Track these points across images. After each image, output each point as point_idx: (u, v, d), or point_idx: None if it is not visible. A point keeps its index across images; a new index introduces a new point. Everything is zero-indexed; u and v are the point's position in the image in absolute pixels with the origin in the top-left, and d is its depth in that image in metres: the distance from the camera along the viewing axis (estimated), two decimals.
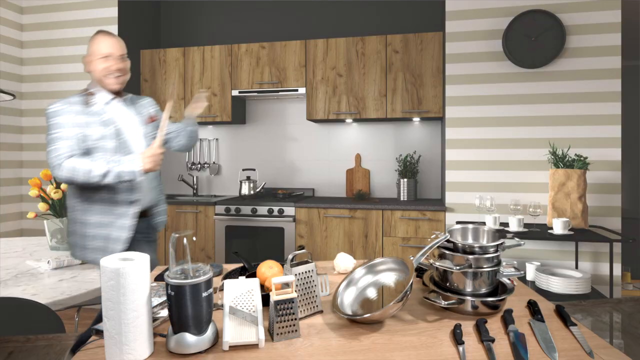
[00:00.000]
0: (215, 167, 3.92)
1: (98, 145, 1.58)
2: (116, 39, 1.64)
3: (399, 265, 1.05)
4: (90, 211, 1.61)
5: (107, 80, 1.62)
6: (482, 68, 2.92)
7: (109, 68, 1.61)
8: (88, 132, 1.57)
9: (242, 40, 3.91)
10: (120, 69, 1.63)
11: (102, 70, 1.61)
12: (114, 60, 1.61)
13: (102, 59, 1.60)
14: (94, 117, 1.59)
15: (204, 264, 0.84)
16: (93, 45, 1.62)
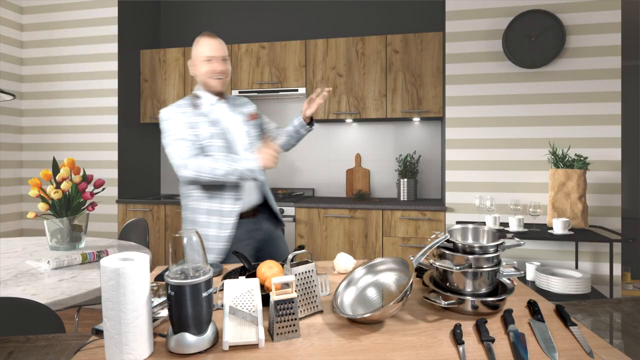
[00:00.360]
0: None
1: (208, 144, 1.65)
2: (217, 41, 1.68)
3: (399, 265, 1.05)
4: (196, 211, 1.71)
5: (210, 82, 1.68)
6: (482, 68, 2.92)
7: (213, 70, 1.66)
8: (198, 132, 1.64)
9: (242, 40, 3.91)
10: (222, 70, 1.68)
11: (205, 72, 1.67)
12: (217, 62, 1.66)
13: (205, 61, 1.66)
14: (202, 118, 1.67)
15: (204, 264, 0.84)
16: (196, 48, 1.68)
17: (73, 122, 3.55)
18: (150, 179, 3.92)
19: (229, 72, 1.72)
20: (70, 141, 3.56)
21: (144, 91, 3.72)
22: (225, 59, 1.69)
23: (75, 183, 1.99)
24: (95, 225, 3.52)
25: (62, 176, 1.95)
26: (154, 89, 3.70)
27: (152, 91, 3.70)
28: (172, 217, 3.35)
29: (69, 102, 3.55)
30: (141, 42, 3.78)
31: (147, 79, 3.71)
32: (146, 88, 3.71)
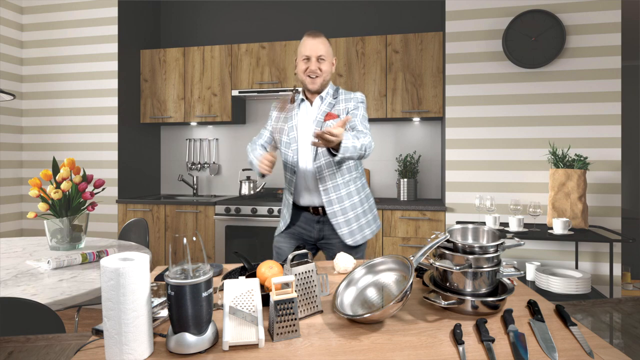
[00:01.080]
0: (215, 167, 3.92)
1: (277, 138, 1.82)
2: (316, 40, 1.70)
3: (399, 265, 1.05)
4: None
5: (304, 80, 1.74)
6: (482, 68, 2.92)
7: (307, 69, 1.72)
8: (276, 125, 1.84)
9: (242, 40, 3.91)
10: (313, 70, 1.70)
11: (300, 71, 1.75)
12: (312, 62, 1.70)
13: (303, 60, 1.72)
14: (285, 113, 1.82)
15: (204, 264, 0.84)
16: (299, 47, 1.75)
17: (73, 122, 3.55)
18: (150, 179, 3.92)
19: (325, 71, 1.72)
20: (70, 141, 3.56)
21: (144, 91, 3.72)
22: (321, 58, 1.70)
23: (75, 183, 1.99)
24: (95, 225, 3.52)
25: (62, 176, 1.95)
26: (154, 89, 3.70)
27: (152, 91, 3.70)
28: (172, 217, 3.35)
29: (69, 102, 3.55)
30: (141, 42, 3.78)
31: (147, 79, 3.71)
32: (146, 88, 3.71)
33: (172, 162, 4.05)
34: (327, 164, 1.72)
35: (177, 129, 4.03)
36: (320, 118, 1.73)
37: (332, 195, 1.73)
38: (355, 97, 1.76)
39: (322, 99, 1.77)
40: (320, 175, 1.72)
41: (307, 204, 1.79)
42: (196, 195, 3.85)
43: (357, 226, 1.77)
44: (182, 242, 3.35)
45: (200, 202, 3.29)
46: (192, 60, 3.60)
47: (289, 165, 1.78)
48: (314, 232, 1.80)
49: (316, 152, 1.72)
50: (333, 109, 1.75)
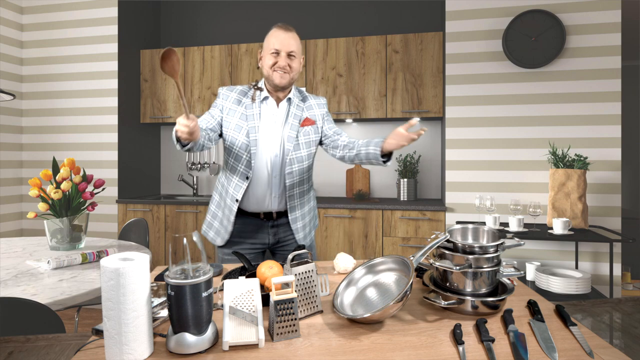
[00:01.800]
0: (215, 167, 3.92)
1: (230, 135, 1.62)
2: (288, 35, 1.56)
3: (399, 265, 1.05)
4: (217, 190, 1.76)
5: (271, 76, 1.58)
6: (482, 68, 2.92)
7: (275, 64, 1.56)
8: (229, 119, 1.62)
9: (242, 40, 3.91)
10: (283, 66, 1.56)
11: (268, 66, 1.58)
12: (282, 57, 1.56)
13: (272, 54, 1.56)
14: (242, 109, 1.63)
15: (204, 264, 0.84)
16: (266, 39, 1.60)
17: (73, 122, 3.55)
18: (150, 179, 3.92)
19: (295, 68, 1.59)
20: (70, 141, 3.56)
21: (144, 91, 3.72)
22: (292, 54, 1.57)
23: (75, 183, 1.99)
24: (95, 225, 3.52)
25: (62, 176, 1.95)
26: (154, 89, 3.70)
27: (152, 91, 3.70)
28: (172, 217, 3.35)
29: (69, 102, 3.55)
30: (141, 42, 3.78)
31: (147, 79, 3.71)
32: (146, 88, 3.71)
33: (172, 162, 4.05)
34: (300, 171, 1.65)
35: None
36: (294, 122, 1.63)
37: (296, 201, 1.69)
38: (324, 103, 1.75)
39: (290, 101, 1.65)
40: (291, 181, 1.64)
41: (257, 210, 1.66)
42: (196, 195, 3.85)
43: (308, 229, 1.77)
44: (182, 242, 3.35)
45: (200, 202, 3.29)
46: (192, 60, 3.60)
47: (240, 168, 1.62)
48: (269, 238, 1.71)
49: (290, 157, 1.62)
50: (306, 113, 1.67)
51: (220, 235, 1.70)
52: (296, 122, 1.64)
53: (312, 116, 1.68)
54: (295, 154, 1.63)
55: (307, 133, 1.66)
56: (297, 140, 1.63)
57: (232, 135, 1.61)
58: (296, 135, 1.63)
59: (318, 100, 1.74)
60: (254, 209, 1.66)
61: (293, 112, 1.64)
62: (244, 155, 1.60)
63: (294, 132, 1.63)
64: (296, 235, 1.71)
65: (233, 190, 1.64)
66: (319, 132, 1.70)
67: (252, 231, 1.70)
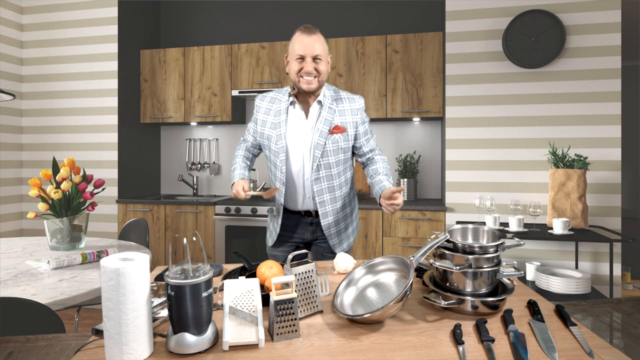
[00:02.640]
0: (215, 167, 3.92)
1: (265, 144, 1.69)
2: (312, 38, 1.53)
3: (399, 265, 1.05)
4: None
5: (298, 83, 1.57)
6: (482, 68, 2.92)
7: (301, 70, 1.55)
8: (262, 130, 1.68)
9: (242, 40, 3.91)
10: (309, 72, 1.53)
11: (294, 72, 1.57)
12: (307, 62, 1.53)
13: (297, 60, 1.55)
14: (272, 117, 1.65)
15: (204, 264, 0.84)
16: (291, 44, 1.59)
17: (73, 122, 3.55)
18: (150, 179, 3.92)
19: (321, 71, 1.55)
20: (70, 141, 3.56)
21: (144, 91, 3.72)
22: (318, 57, 1.54)
23: (75, 183, 1.99)
24: (95, 225, 3.52)
25: (62, 176, 1.95)
26: (154, 89, 3.70)
27: (152, 91, 3.70)
28: (172, 217, 3.35)
29: (69, 102, 3.55)
30: (141, 42, 3.78)
31: (147, 79, 3.71)
32: (146, 88, 3.71)
33: (172, 162, 4.05)
34: (328, 177, 1.64)
35: (177, 129, 4.03)
36: (324, 128, 1.58)
37: (328, 207, 1.69)
38: (360, 108, 1.65)
39: (321, 104, 1.61)
40: (318, 187, 1.64)
41: (299, 208, 1.70)
42: (196, 195, 3.85)
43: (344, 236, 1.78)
44: (182, 242, 3.35)
45: (200, 202, 3.29)
46: (192, 60, 3.60)
47: (278, 175, 1.66)
48: (308, 234, 1.75)
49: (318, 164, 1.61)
50: (337, 119, 1.61)
51: (272, 236, 1.78)
52: (326, 128, 1.59)
53: (343, 123, 1.62)
54: (323, 161, 1.61)
55: (336, 141, 1.61)
56: (325, 147, 1.60)
57: (267, 144, 1.67)
58: (324, 143, 1.59)
59: (353, 103, 1.65)
60: (295, 208, 1.72)
61: (323, 116, 1.60)
62: (277, 162, 1.64)
63: (322, 140, 1.59)
64: (330, 240, 1.72)
65: (278, 195, 1.71)
66: (349, 140, 1.64)
67: (293, 226, 1.75)
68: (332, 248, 1.74)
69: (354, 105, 1.64)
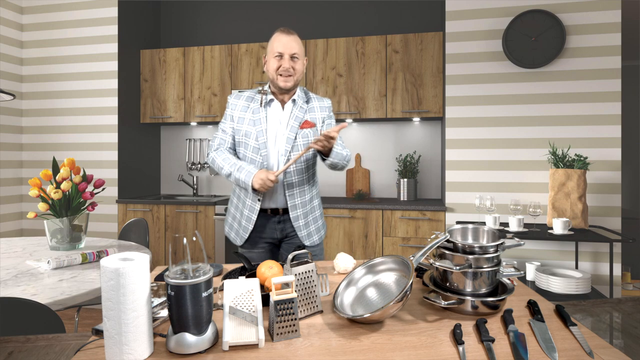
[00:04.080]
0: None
1: (242, 141, 1.71)
2: (290, 37, 1.63)
3: (399, 265, 1.05)
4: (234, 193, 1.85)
5: (276, 80, 1.66)
6: (482, 68, 2.92)
7: (279, 67, 1.63)
8: (240, 127, 1.71)
9: (242, 40, 3.91)
10: (287, 69, 1.63)
11: (273, 70, 1.65)
12: (285, 59, 1.63)
13: (275, 58, 1.63)
14: (250, 114, 1.70)
15: (204, 264, 0.84)
16: (270, 44, 1.67)
17: (73, 122, 3.55)
18: (150, 179, 3.92)
19: (298, 70, 1.66)
20: (70, 141, 3.56)
21: (144, 91, 3.72)
22: (295, 56, 1.63)
23: (75, 183, 1.99)
24: (95, 225, 3.52)
25: (62, 176, 1.95)
26: (154, 89, 3.70)
27: (152, 91, 3.70)
28: (172, 217, 3.35)
29: (69, 102, 3.55)
30: (141, 42, 3.78)
31: (147, 79, 3.71)
32: (146, 88, 3.71)
33: (172, 162, 4.05)
34: (299, 171, 1.71)
35: (177, 129, 4.03)
36: (294, 124, 1.68)
37: (297, 200, 1.74)
38: (328, 106, 1.77)
39: (295, 103, 1.71)
40: (289, 181, 1.70)
41: (268, 206, 1.74)
42: (196, 195, 3.85)
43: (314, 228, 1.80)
44: (182, 242, 3.35)
45: (200, 202, 3.29)
46: (192, 60, 3.60)
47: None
48: (277, 233, 1.77)
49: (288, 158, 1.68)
50: (307, 116, 1.72)
51: (240, 235, 1.79)
52: (296, 124, 1.69)
53: (313, 119, 1.73)
54: (293, 155, 1.69)
55: (306, 135, 1.70)
56: (295, 141, 1.69)
57: (244, 141, 1.70)
58: (294, 137, 1.68)
59: (321, 102, 1.77)
60: (265, 205, 1.74)
61: (295, 113, 1.70)
62: (257, 158, 1.69)
63: (293, 134, 1.68)
64: (298, 232, 1.76)
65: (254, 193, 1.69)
66: (318, 134, 1.73)
67: (261, 226, 1.77)
68: (302, 240, 1.77)
69: (322, 104, 1.77)
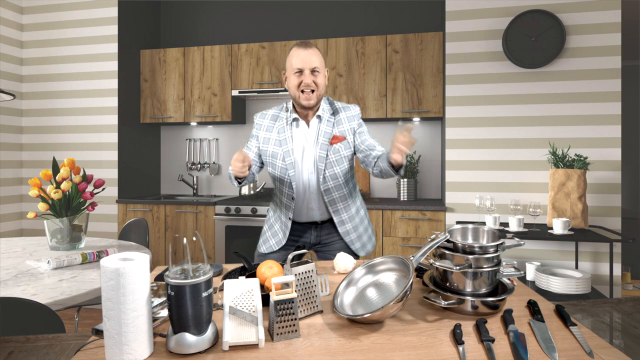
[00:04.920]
0: (215, 167, 3.92)
1: (269, 162, 1.69)
2: (308, 51, 1.56)
3: (399, 265, 1.05)
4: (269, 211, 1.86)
5: (298, 98, 1.60)
6: (482, 68, 2.92)
7: (300, 84, 1.57)
8: (265, 147, 1.69)
9: (242, 40, 3.91)
10: (308, 84, 1.56)
11: (294, 86, 1.59)
12: (306, 75, 1.57)
13: (295, 74, 1.58)
14: (275, 135, 1.67)
15: (204, 264, 0.84)
16: (288, 60, 1.61)
17: (73, 122, 3.55)
18: (150, 179, 3.92)
19: (320, 84, 1.59)
20: (70, 141, 3.56)
21: (144, 91, 3.72)
22: (315, 70, 1.57)
23: (75, 183, 1.99)
24: (95, 225, 3.52)
25: (62, 176, 1.95)
26: (154, 89, 3.70)
27: (152, 91, 3.70)
28: (172, 217, 3.35)
29: (69, 102, 3.55)
30: (141, 42, 3.78)
31: (147, 79, 3.71)
32: (146, 88, 3.71)
33: (172, 162, 4.05)
34: (337, 187, 1.67)
35: (177, 129, 4.03)
36: (324, 141, 1.63)
37: (344, 215, 1.72)
38: (356, 115, 1.69)
39: (320, 118, 1.65)
40: (330, 197, 1.67)
41: (307, 220, 1.73)
42: (196, 195, 3.85)
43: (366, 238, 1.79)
44: (182, 242, 3.35)
45: (200, 202, 3.29)
46: (192, 60, 3.60)
47: (286, 190, 1.68)
48: (311, 238, 1.76)
49: (324, 176, 1.64)
50: (336, 129, 1.65)
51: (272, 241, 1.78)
52: (326, 140, 1.64)
53: (342, 132, 1.66)
54: (329, 172, 1.65)
55: (337, 150, 1.65)
56: (327, 159, 1.64)
57: (272, 161, 1.68)
58: (326, 155, 1.64)
59: (348, 112, 1.69)
60: (303, 220, 1.74)
61: (323, 130, 1.64)
62: (285, 178, 1.67)
63: (324, 152, 1.63)
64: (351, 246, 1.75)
65: (285, 210, 1.72)
66: (350, 147, 1.67)
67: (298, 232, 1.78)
68: (356, 252, 1.76)
69: (350, 113, 1.69)
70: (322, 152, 1.63)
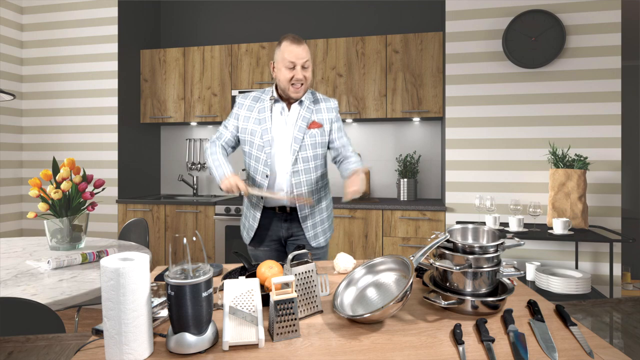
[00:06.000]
0: None
1: (247, 139, 1.75)
2: (301, 47, 1.64)
3: (399, 265, 1.05)
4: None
5: (287, 90, 1.68)
6: (482, 68, 2.92)
7: (292, 78, 1.65)
8: (245, 125, 1.75)
9: (242, 40, 3.91)
10: (300, 79, 1.66)
11: (285, 80, 1.66)
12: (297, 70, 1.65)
13: (287, 68, 1.65)
14: (255, 114, 1.74)
15: (204, 264, 0.84)
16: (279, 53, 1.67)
17: (73, 122, 3.55)
18: (150, 179, 3.92)
19: (309, 77, 1.69)
20: (70, 141, 3.56)
21: (144, 91, 3.72)
22: (305, 65, 1.66)
23: (75, 183, 1.99)
24: (95, 225, 3.52)
25: (62, 176, 1.95)
26: (154, 89, 3.70)
27: (152, 91, 3.70)
28: (172, 217, 3.35)
29: (69, 102, 3.55)
30: (141, 42, 3.78)
31: (147, 79, 3.71)
32: (146, 88, 3.71)
33: (172, 162, 4.05)
34: (306, 170, 1.74)
35: (177, 129, 4.03)
36: (302, 124, 1.72)
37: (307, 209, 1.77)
38: (334, 107, 1.80)
39: (302, 103, 1.74)
40: (297, 180, 1.73)
41: (276, 204, 1.77)
42: (196, 195, 3.85)
43: (320, 229, 1.82)
44: (182, 242, 3.35)
45: (200, 202, 3.29)
46: (192, 60, 3.60)
47: (260, 168, 1.74)
48: (283, 231, 1.80)
49: (295, 157, 1.71)
50: (315, 116, 1.74)
51: (248, 233, 1.83)
52: (304, 124, 1.73)
53: (320, 120, 1.76)
54: (301, 154, 1.73)
55: (314, 135, 1.74)
56: (303, 141, 1.72)
57: (250, 139, 1.74)
58: (302, 137, 1.72)
59: (328, 103, 1.80)
60: (273, 203, 1.77)
61: (302, 114, 1.74)
62: (261, 155, 1.72)
63: (301, 134, 1.72)
64: (306, 233, 1.78)
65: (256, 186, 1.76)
66: (325, 135, 1.78)
67: (268, 223, 1.80)
68: (308, 241, 1.79)
69: (330, 105, 1.80)
70: (299, 134, 1.72)
